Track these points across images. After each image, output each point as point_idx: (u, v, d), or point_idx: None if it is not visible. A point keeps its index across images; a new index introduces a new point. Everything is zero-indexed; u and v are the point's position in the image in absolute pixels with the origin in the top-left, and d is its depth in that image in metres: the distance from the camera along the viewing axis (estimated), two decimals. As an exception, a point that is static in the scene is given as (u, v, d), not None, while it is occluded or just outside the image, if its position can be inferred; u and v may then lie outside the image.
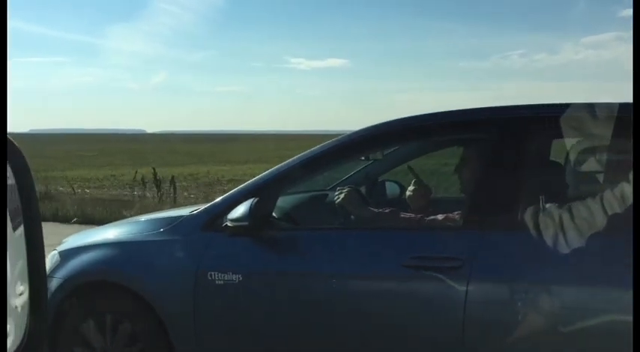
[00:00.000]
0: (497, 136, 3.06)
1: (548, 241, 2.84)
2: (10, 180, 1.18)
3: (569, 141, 3.32)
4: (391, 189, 4.40)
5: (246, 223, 3.05)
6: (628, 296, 2.51)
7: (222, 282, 3.12)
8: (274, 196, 3.27)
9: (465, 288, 2.76)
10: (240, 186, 3.40)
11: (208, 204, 3.44)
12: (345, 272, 3.05)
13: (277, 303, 3.14)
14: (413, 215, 3.31)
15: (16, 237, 1.19)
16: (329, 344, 3.07)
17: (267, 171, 3.36)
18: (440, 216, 3.21)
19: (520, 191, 2.96)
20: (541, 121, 3.06)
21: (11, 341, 1.09)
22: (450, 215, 3.17)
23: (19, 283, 1.19)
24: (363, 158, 4.10)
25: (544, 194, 3.09)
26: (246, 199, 3.13)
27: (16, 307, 1.16)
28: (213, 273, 3.14)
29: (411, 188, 3.53)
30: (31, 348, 1.10)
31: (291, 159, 3.34)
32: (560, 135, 3.28)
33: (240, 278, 3.11)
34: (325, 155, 3.31)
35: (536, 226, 3.03)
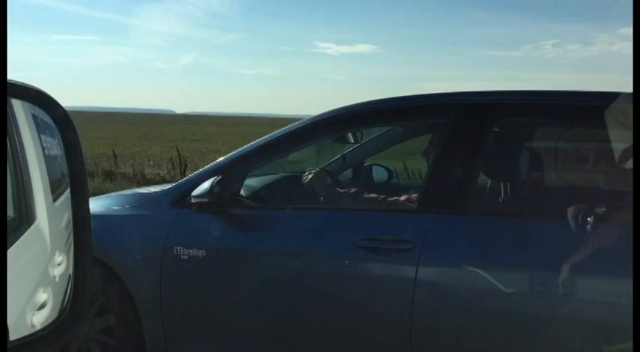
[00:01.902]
0: (454, 121, 3.03)
1: (499, 225, 2.84)
2: (54, 150, 1.18)
3: (530, 128, 3.33)
4: (378, 173, 4.40)
5: (206, 200, 3.08)
6: (576, 278, 2.52)
7: (186, 257, 3.15)
8: (240, 175, 3.27)
9: (415, 270, 2.75)
10: (210, 164, 3.43)
11: (178, 181, 3.47)
12: (301, 251, 3.05)
13: (237, 280, 3.14)
14: (376, 195, 3.32)
15: (56, 208, 1.19)
16: (285, 320, 3.08)
17: (234, 151, 3.38)
18: (402, 197, 3.21)
19: (473, 176, 2.95)
20: (500, 107, 3.05)
21: (49, 310, 1.08)
22: (411, 197, 3.16)
23: (57, 253, 1.20)
24: (352, 140, 4.11)
25: (497, 178, 3.10)
26: (212, 177, 3.16)
27: (54, 276, 1.15)
28: (178, 248, 3.16)
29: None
30: (74, 314, 1.08)
31: (257, 141, 3.35)
32: (523, 122, 3.28)
33: (204, 254, 3.13)
34: (290, 136, 3.32)
35: (488, 210, 3.04)
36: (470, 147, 2.95)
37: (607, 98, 2.67)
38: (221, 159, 3.40)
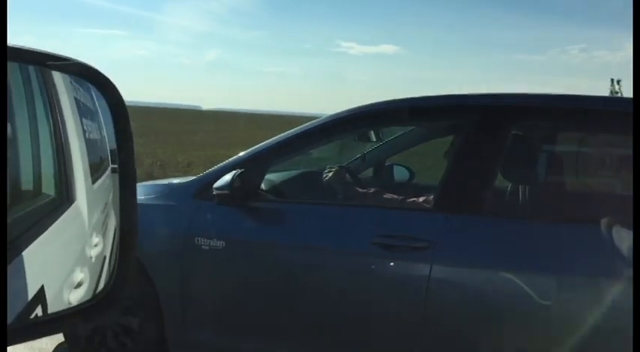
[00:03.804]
0: (473, 123, 3.01)
1: (514, 227, 2.83)
2: (94, 133, 1.17)
3: (550, 131, 3.30)
4: (399, 172, 4.39)
5: (227, 191, 3.10)
6: (587, 281, 2.50)
7: (207, 247, 3.17)
8: (261, 169, 3.29)
9: (429, 269, 2.75)
10: (232, 158, 3.44)
11: (201, 174, 3.49)
12: (318, 245, 3.05)
13: (255, 271, 3.16)
14: (395, 196, 3.32)
15: (94, 190, 1.19)
16: (300, 313, 3.09)
17: (256, 146, 3.39)
18: (420, 198, 3.22)
19: (489, 177, 2.93)
20: (520, 110, 3.01)
21: (84, 290, 1.08)
22: (429, 197, 3.16)
23: (94, 235, 1.19)
24: (374, 139, 4.10)
25: (514, 180, 3.08)
26: (233, 170, 3.18)
27: (90, 257, 1.15)
28: (199, 239, 3.18)
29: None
30: (112, 295, 1.08)
31: (278, 136, 3.36)
32: (543, 125, 3.26)
33: (224, 245, 3.15)
34: (311, 133, 3.32)
35: (504, 212, 3.03)
36: (488, 149, 2.93)
37: (630, 104, 2.64)
38: (242, 153, 3.42)
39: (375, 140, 4.05)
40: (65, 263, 1.07)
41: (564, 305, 2.60)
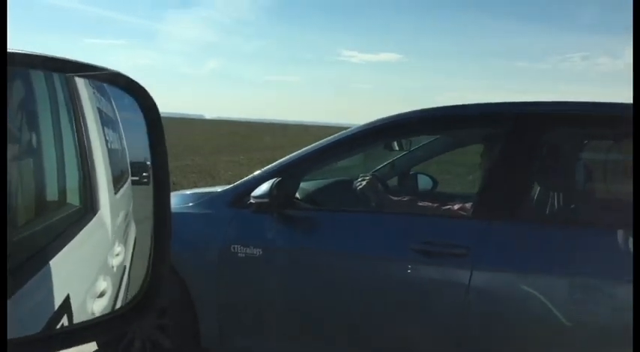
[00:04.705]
0: (510, 131, 2.98)
1: (552, 233, 2.78)
2: (116, 144, 1.17)
3: (584, 138, 3.23)
4: (423, 181, 4.35)
5: (266, 200, 3.09)
6: (626, 287, 2.42)
7: (244, 255, 3.16)
8: (297, 177, 3.28)
9: (469, 275, 2.72)
10: (267, 166, 3.44)
11: (237, 183, 3.49)
12: (356, 252, 3.03)
13: (292, 278, 3.15)
14: (430, 203, 3.28)
15: (116, 200, 1.19)
16: (338, 319, 3.07)
17: (291, 154, 3.38)
18: (456, 206, 3.18)
19: (527, 184, 2.90)
20: (554, 118, 2.98)
21: (108, 298, 1.08)
22: (465, 205, 3.13)
23: (116, 244, 1.20)
24: (397, 148, 4.07)
25: (551, 187, 3.03)
26: (270, 179, 3.17)
27: (112, 266, 1.15)
28: (236, 246, 3.18)
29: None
30: (149, 299, 1.06)
31: (314, 144, 3.35)
32: (575, 132, 3.20)
33: (261, 253, 3.14)
34: (345, 142, 3.31)
35: (542, 218, 2.98)
36: (525, 156, 2.90)
37: None
38: (277, 162, 3.41)
39: (398, 149, 4.02)
40: (89, 272, 1.06)
41: (604, 311, 2.53)
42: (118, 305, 1.07)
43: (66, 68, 0.98)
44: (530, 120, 2.96)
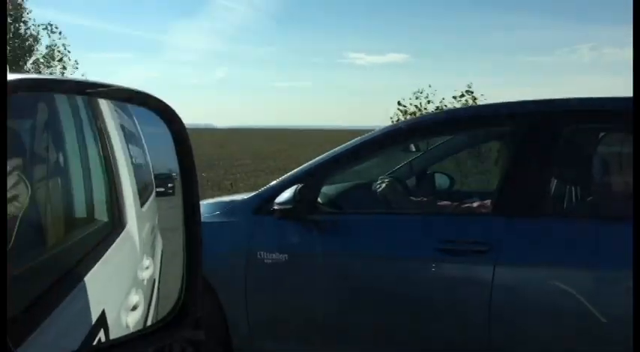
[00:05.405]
0: (527, 129, 2.98)
1: (573, 227, 2.77)
2: (140, 158, 1.18)
3: (600, 134, 3.22)
4: (441, 180, 4.32)
5: (290, 206, 3.09)
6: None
7: (270, 261, 3.16)
8: (319, 183, 3.27)
9: (492, 271, 2.70)
10: (289, 173, 3.44)
11: (260, 190, 3.49)
12: (381, 254, 3.02)
13: (319, 282, 3.14)
14: (450, 202, 3.28)
15: (143, 213, 1.19)
16: (365, 320, 3.06)
17: (312, 160, 3.38)
18: (475, 203, 3.17)
19: (546, 179, 2.89)
20: (571, 114, 2.98)
21: (141, 311, 1.09)
22: (485, 202, 3.12)
23: (144, 257, 1.20)
24: (414, 149, 4.06)
25: (570, 182, 3.01)
26: (292, 185, 3.17)
27: (142, 279, 1.16)
28: (262, 252, 3.18)
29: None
30: (184, 315, 1.06)
31: (334, 150, 3.34)
32: (592, 127, 3.19)
33: (287, 258, 3.14)
34: (365, 146, 3.30)
35: (562, 213, 2.96)
36: (543, 153, 2.90)
37: None
38: (299, 168, 3.41)
39: (414, 150, 4.00)
40: (122, 286, 1.06)
41: (629, 303, 2.49)
42: (150, 317, 1.07)
43: (90, 90, 0.98)
44: (548, 117, 2.96)
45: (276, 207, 3.16)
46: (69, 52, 26.75)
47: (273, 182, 3.46)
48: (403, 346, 2.98)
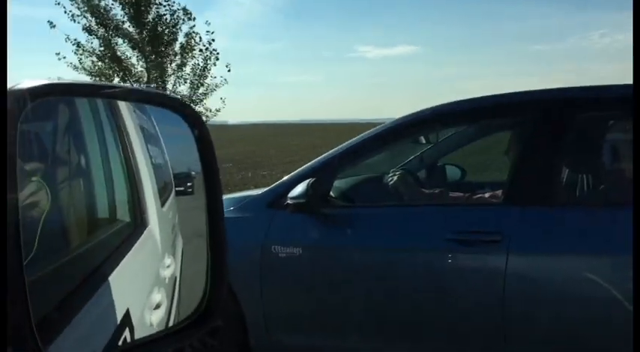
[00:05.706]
0: (537, 118, 2.96)
1: (585, 215, 2.76)
2: (159, 158, 1.18)
3: (611, 121, 3.20)
4: (451, 172, 4.30)
5: (303, 200, 3.10)
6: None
7: (284, 255, 3.18)
8: (331, 176, 3.28)
9: (505, 261, 2.70)
10: (301, 167, 3.44)
11: (274, 185, 3.50)
12: (394, 246, 3.03)
13: (333, 275, 3.15)
14: (462, 194, 3.27)
15: (163, 213, 1.20)
16: (380, 312, 3.06)
17: (324, 154, 3.38)
18: (487, 194, 3.17)
19: (557, 168, 2.87)
20: (581, 103, 2.96)
21: (164, 310, 1.09)
22: (496, 192, 3.12)
23: (166, 256, 1.21)
24: (424, 141, 4.04)
25: (581, 170, 3.00)
26: (305, 179, 3.18)
27: (164, 278, 1.16)
28: (276, 247, 3.19)
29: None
30: (210, 313, 1.06)
31: (345, 144, 3.34)
32: (601, 117, 3.18)
33: (301, 252, 3.15)
34: (377, 139, 3.30)
35: (574, 201, 2.95)
36: (554, 142, 2.88)
37: None
38: (311, 162, 3.41)
39: (425, 142, 3.99)
40: (145, 286, 1.07)
41: None
42: (173, 315, 1.07)
43: (116, 95, 0.98)
44: (559, 106, 2.94)
45: (289, 202, 3.17)
46: (213, 41, 20.71)
47: (286, 176, 3.47)
48: (416, 337, 2.99)
